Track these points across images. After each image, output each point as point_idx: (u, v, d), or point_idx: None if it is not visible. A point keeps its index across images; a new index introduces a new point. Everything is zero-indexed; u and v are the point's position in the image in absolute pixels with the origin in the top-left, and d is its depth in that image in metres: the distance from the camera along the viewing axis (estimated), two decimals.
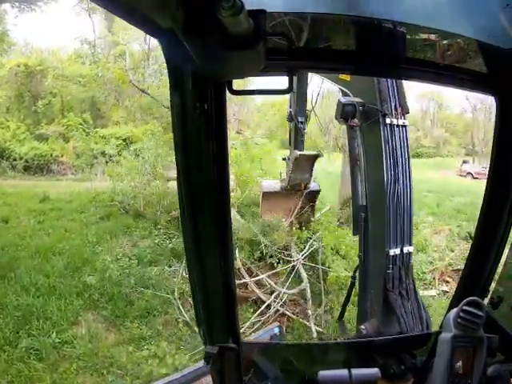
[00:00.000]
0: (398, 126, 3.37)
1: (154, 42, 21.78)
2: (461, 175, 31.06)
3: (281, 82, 1.56)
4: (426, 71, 1.92)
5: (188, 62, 1.23)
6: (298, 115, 7.47)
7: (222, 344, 2.03)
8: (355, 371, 2.17)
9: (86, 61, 28.79)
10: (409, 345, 2.81)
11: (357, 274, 3.95)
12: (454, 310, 2.06)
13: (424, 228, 12.75)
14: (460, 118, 41.84)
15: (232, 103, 17.15)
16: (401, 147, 3.38)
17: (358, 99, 3.53)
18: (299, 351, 3.02)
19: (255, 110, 19.05)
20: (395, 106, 3.39)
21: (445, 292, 9.55)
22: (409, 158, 3.41)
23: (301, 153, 7.47)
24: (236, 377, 2.21)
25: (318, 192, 9.42)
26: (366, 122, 3.49)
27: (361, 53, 1.82)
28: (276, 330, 7.11)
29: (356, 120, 3.53)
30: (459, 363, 2.03)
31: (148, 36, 21.77)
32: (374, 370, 2.24)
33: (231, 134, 15.53)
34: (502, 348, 2.16)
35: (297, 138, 7.69)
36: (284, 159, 8.37)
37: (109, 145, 17.64)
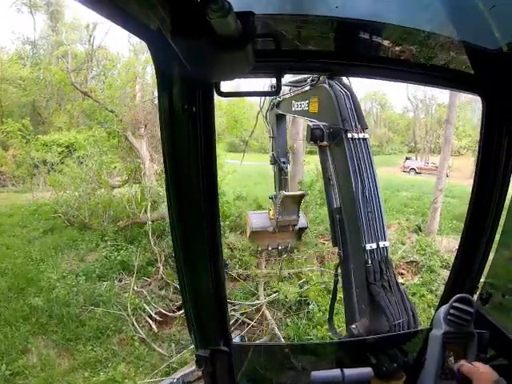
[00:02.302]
0: (359, 139, 3.75)
1: (97, 43, 21.14)
2: (404, 171, 32.38)
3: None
4: (413, 72, 2.04)
5: (176, 63, 1.27)
6: (280, 156, 8.05)
7: (214, 347, 2.05)
8: (348, 371, 2.19)
9: (28, 62, 27.50)
10: (400, 342, 2.86)
11: (338, 271, 4.16)
12: (444, 307, 2.11)
13: None
14: (402, 118, 43.52)
15: None
16: (364, 157, 3.72)
17: (323, 123, 3.96)
18: (291, 352, 3.02)
19: None
20: (355, 123, 3.78)
21: (401, 284, 9.81)
22: (372, 165, 3.73)
23: (287, 194, 7.90)
24: (228, 379, 2.22)
25: (305, 228, 9.74)
26: (333, 142, 3.84)
27: (348, 54, 1.88)
28: (238, 340, 7.14)
29: (325, 142, 3.93)
30: (451, 359, 2.08)
31: (92, 36, 21.12)
32: (367, 369, 2.28)
33: None
34: (492, 343, 2.22)
35: (281, 178, 8.21)
36: (271, 198, 8.78)
37: (50, 152, 16.77)
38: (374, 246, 3.56)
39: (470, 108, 34.74)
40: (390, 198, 18.38)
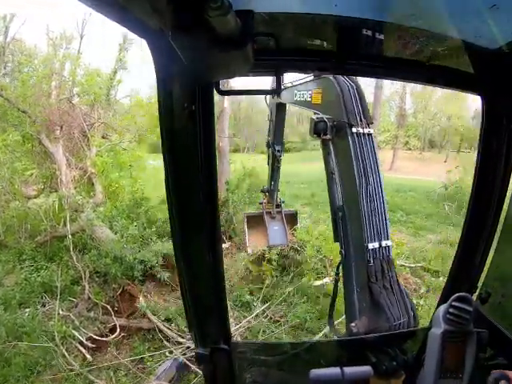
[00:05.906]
0: (364, 134, 3.69)
1: (13, 35, 19.27)
2: None
3: None
4: (413, 71, 2.07)
5: (176, 62, 1.25)
6: (275, 144, 8.00)
7: (214, 345, 2.12)
8: (347, 369, 2.19)
9: None
10: (400, 341, 2.89)
11: (340, 270, 4.13)
12: (444, 306, 2.14)
13: (304, 219, 13.06)
14: None
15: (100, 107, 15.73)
16: (368, 152, 3.66)
17: (327, 116, 3.89)
18: (291, 350, 3.02)
19: (123, 111, 17.88)
20: (360, 118, 3.72)
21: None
22: (377, 161, 3.68)
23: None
24: (228, 377, 2.29)
25: (295, 213, 10.53)
26: (337, 135, 3.81)
27: (349, 53, 1.89)
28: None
29: (328, 135, 3.86)
30: (450, 358, 2.11)
31: (7, 28, 19.18)
32: (366, 368, 2.28)
33: (96, 140, 14.25)
34: (491, 342, 2.25)
35: (274, 166, 8.40)
36: (262, 191, 9.38)
37: None
38: (376, 245, 3.54)
39: (387, 105, 36.82)
40: (316, 193, 18.73)
